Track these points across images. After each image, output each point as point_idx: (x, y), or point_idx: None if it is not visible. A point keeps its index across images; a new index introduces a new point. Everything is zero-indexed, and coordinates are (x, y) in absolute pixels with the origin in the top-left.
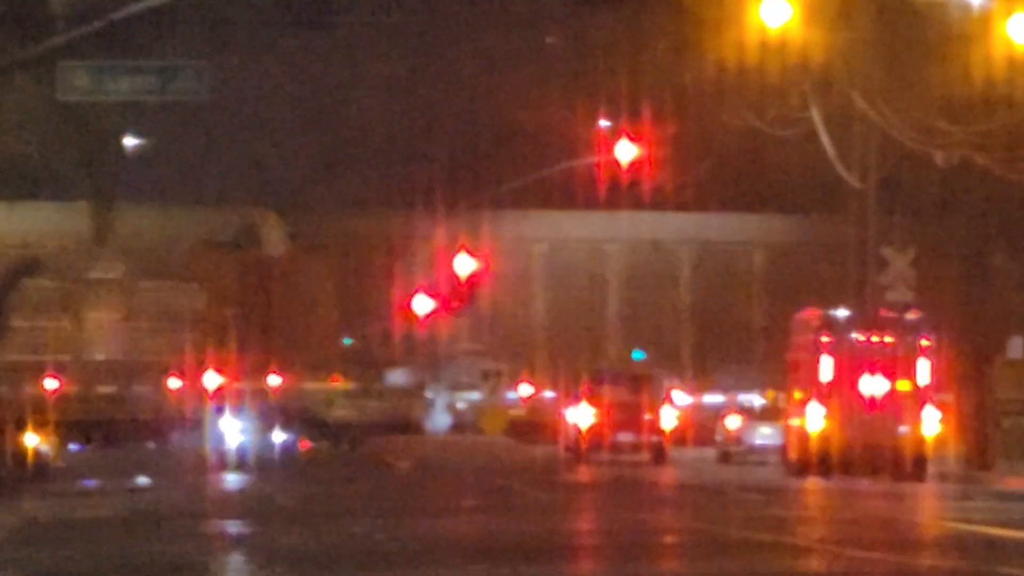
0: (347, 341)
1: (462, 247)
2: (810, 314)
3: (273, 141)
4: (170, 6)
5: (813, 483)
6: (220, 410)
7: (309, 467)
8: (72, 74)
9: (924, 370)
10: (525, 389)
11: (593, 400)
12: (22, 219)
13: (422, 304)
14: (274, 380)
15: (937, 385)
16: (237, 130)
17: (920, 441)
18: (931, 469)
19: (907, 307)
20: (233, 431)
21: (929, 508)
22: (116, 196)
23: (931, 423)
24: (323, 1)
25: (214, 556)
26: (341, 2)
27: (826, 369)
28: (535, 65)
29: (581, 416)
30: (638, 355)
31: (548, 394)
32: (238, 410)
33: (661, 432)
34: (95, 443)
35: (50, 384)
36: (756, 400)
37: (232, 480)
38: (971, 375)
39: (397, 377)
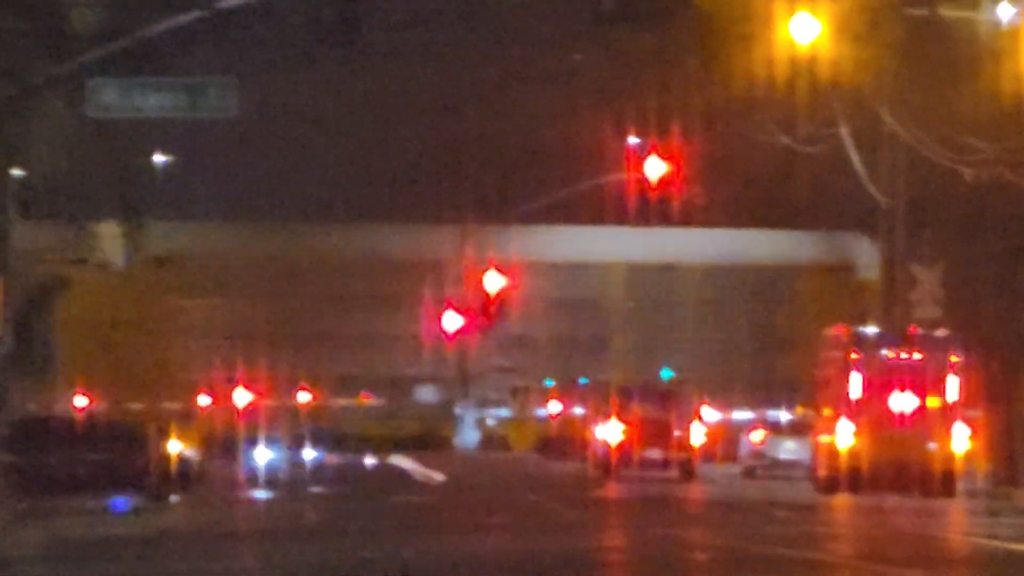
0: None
1: (491, 264)
2: (839, 331)
3: (301, 157)
4: (198, 23)
5: (842, 499)
6: (253, 442)
7: (337, 484)
8: (101, 91)
9: (953, 387)
10: (554, 406)
11: (622, 417)
12: (51, 238)
13: (452, 321)
14: (303, 397)
15: (966, 402)
16: (266, 146)
17: (949, 457)
18: (960, 485)
19: (936, 324)
20: (264, 451)
21: (958, 524)
22: (146, 213)
23: (960, 439)
24: (351, 18)
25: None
26: (369, 19)
27: (855, 386)
28: (564, 82)
29: (610, 433)
30: (667, 373)
31: (577, 411)
32: (270, 440)
33: (690, 448)
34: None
35: (80, 402)
36: (783, 416)
37: (262, 497)
38: (1000, 392)
39: (426, 394)
